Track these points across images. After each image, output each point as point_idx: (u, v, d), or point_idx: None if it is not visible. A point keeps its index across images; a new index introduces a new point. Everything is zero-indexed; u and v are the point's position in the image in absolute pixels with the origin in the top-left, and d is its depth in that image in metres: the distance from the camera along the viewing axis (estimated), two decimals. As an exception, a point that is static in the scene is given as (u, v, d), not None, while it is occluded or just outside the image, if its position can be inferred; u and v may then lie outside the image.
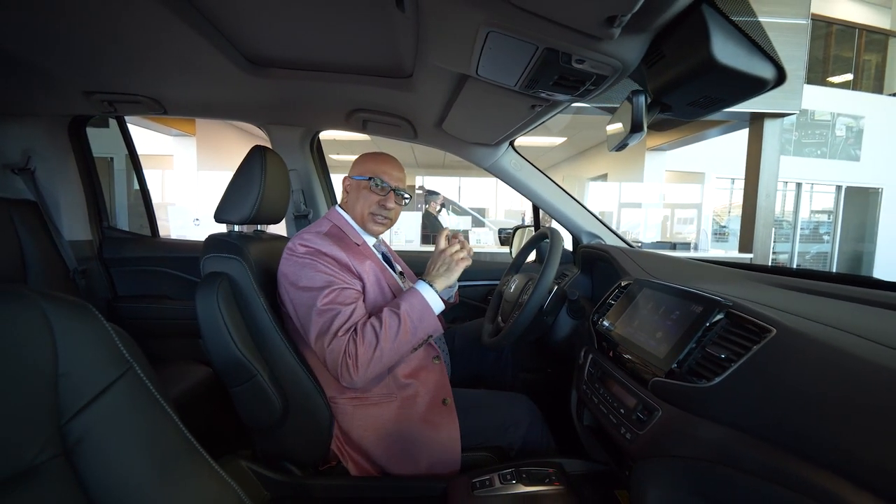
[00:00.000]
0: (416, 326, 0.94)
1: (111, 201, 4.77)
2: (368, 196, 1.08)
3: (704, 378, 0.59)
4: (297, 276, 0.95)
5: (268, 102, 1.28)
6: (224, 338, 0.89)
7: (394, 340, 0.91)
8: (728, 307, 0.65)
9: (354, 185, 1.10)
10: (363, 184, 1.08)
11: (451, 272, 1.02)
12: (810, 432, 0.46)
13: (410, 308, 0.95)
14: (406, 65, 1.01)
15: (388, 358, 0.91)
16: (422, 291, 0.98)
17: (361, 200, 1.08)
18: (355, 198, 1.09)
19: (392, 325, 0.92)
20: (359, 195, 1.09)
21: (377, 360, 0.90)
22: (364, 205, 1.08)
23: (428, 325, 0.96)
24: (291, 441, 1.00)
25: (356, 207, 1.09)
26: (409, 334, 0.93)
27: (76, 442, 0.46)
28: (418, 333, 0.94)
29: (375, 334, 0.91)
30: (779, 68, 0.58)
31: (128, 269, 1.64)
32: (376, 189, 1.07)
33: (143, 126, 5.47)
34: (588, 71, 0.68)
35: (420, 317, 0.95)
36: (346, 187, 1.13)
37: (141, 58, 1.04)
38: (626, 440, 0.69)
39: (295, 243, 0.98)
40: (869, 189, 7.61)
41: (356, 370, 0.88)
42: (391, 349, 0.91)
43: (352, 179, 1.11)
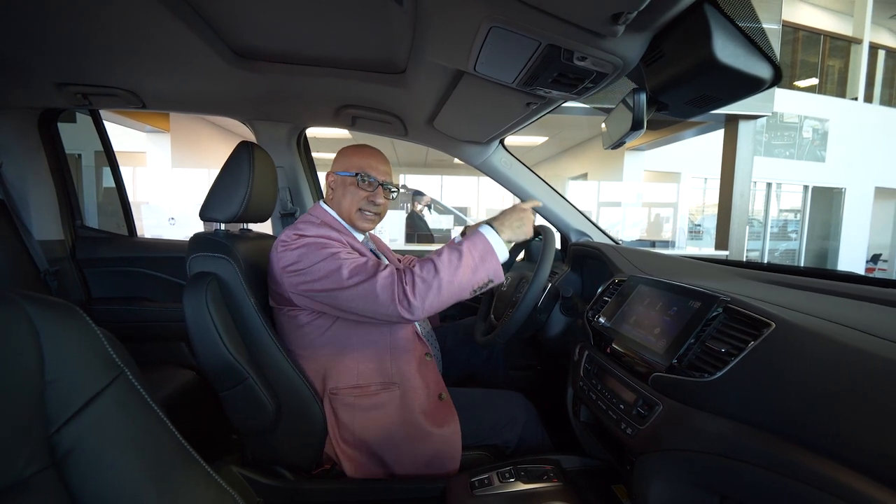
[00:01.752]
0: (477, 265, 0.90)
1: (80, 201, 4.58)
2: (355, 192, 1.05)
3: (706, 372, 0.60)
4: (306, 258, 0.91)
5: (254, 97, 1.25)
6: (214, 340, 0.86)
7: (454, 272, 0.87)
8: (726, 302, 0.66)
9: (339, 181, 1.06)
10: (349, 180, 1.05)
11: (523, 228, 0.99)
12: (814, 423, 0.47)
13: (472, 246, 0.91)
14: (399, 60, 0.99)
15: (447, 291, 0.87)
16: (485, 234, 0.94)
17: (348, 197, 1.05)
18: (341, 194, 1.06)
19: (452, 257, 0.88)
20: (345, 192, 1.05)
21: (435, 291, 0.86)
22: (351, 201, 1.05)
23: (489, 267, 0.91)
24: (284, 445, 0.97)
25: (343, 204, 1.06)
26: (469, 270, 0.89)
27: (66, 453, 0.43)
28: (479, 272, 0.90)
29: (434, 264, 0.87)
30: (776, 68, 0.60)
31: (103, 270, 1.57)
32: (363, 185, 1.04)
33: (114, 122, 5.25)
34: (589, 68, 0.68)
35: (482, 256, 0.91)
36: (331, 184, 1.09)
37: (118, 47, 0.99)
38: (627, 435, 0.70)
39: (289, 234, 0.94)
40: (833, 189, 7.96)
41: (414, 296, 0.84)
42: (451, 281, 0.87)
43: (336, 175, 1.07)
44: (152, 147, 5.92)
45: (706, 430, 0.57)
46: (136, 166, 5.94)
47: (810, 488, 0.45)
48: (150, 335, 1.54)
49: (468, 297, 0.91)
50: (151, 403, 0.53)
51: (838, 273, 0.94)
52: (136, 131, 5.76)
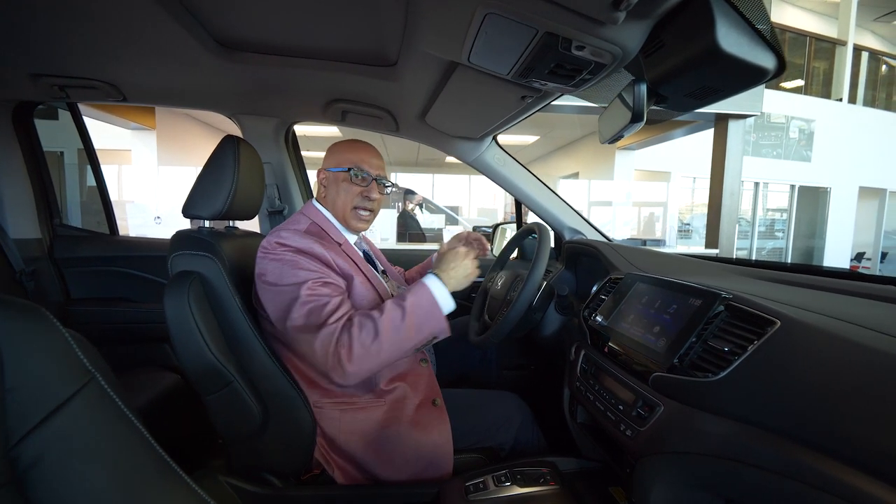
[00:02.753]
0: (422, 323, 0.87)
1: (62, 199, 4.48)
2: (349, 188, 1.01)
3: (709, 372, 0.58)
4: (276, 274, 0.87)
5: (239, 90, 1.20)
6: (197, 342, 0.82)
7: (396, 333, 0.83)
8: (728, 300, 0.64)
9: (332, 177, 1.03)
10: (342, 175, 1.01)
11: (467, 278, 0.98)
12: (823, 424, 0.45)
13: (417, 302, 0.88)
14: (391, 51, 0.96)
15: (387, 353, 0.83)
16: (431, 287, 0.91)
17: (342, 194, 1.01)
18: (335, 192, 1.02)
19: (395, 317, 0.84)
20: (338, 188, 1.01)
21: (375, 353, 0.81)
22: (346, 198, 1.01)
23: (435, 325, 0.89)
24: (271, 450, 0.93)
25: (337, 202, 1.02)
26: (413, 330, 0.85)
27: (27, 468, 0.39)
28: (423, 331, 0.87)
29: (374, 324, 0.82)
30: (780, 58, 0.58)
31: (83, 270, 1.51)
32: (357, 180, 1.00)
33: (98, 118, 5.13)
34: (587, 58, 0.66)
35: (427, 314, 0.88)
36: (322, 181, 1.05)
37: (97, 36, 0.94)
38: (627, 437, 0.68)
39: (271, 241, 0.90)
40: (819, 188, 8.10)
41: (349, 361, 0.80)
42: (392, 343, 0.83)
43: (328, 172, 1.03)
44: (138, 144, 5.80)
45: (710, 431, 0.55)
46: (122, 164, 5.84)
47: (819, 492, 0.43)
48: (133, 337, 1.49)
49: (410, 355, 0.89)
50: (126, 411, 0.49)
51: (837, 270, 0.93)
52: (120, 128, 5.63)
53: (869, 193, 8.57)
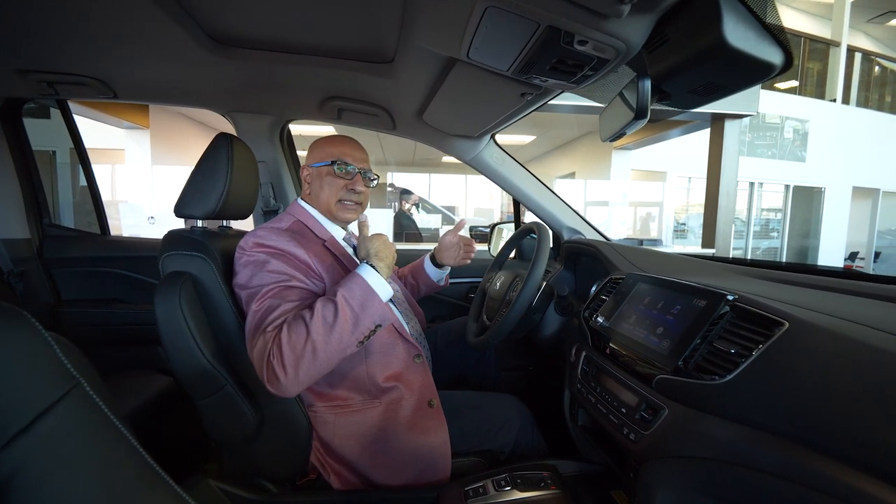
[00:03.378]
0: (358, 315, 0.79)
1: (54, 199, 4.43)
2: (333, 182, 0.99)
3: (715, 374, 0.57)
4: (245, 276, 0.85)
5: (233, 87, 1.18)
6: (188, 345, 0.80)
7: (329, 332, 0.76)
8: (734, 300, 0.63)
9: (315, 173, 1.01)
10: (325, 170, 1.00)
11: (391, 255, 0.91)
12: (834, 428, 0.44)
13: (349, 294, 0.80)
14: (388, 48, 0.94)
15: (323, 355, 0.76)
16: (363, 275, 0.84)
17: (326, 188, 0.99)
18: (319, 187, 1.00)
19: (326, 314, 0.77)
20: (322, 183, 1.00)
21: (309, 358, 0.74)
22: (330, 192, 0.99)
23: (373, 313, 0.81)
24: (266, 455, 0.91)
25: (321, 197, 1.01)
26: (348, 324, 0.78)
27: (8, 479, 0.37)
28: (363, 323, 0.80)
29: (305, 325, 0.75)
30: (787, 53, 0.57)
31: (73, 271, 1.48)
32: (341, 173, 0.99)
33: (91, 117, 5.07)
34: (589, 54, 0.65)
35: (362, 304, 0.80)
36: (306, 178, 1.03)
37: (87, 32, 0.92)
38: (630, 441, 0.67)
39: (248, 240, 0.88)
40: (813, 188, 8.14)
41: (283, 371, 0.73)
42: (326, 342, 0.76)
43: (311, 168, 1.01)
44: (131, 144, 5.74)
45: (717, 435, 0.54)
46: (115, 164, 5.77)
47: (832, 499, 0.42)
48: (125, 339, 1.46)
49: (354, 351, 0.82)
50: (112, 418, 0.47)
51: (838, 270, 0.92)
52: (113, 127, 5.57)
53: (862, 193, 8.64)
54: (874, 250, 8.98)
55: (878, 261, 8.94)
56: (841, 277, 0.82)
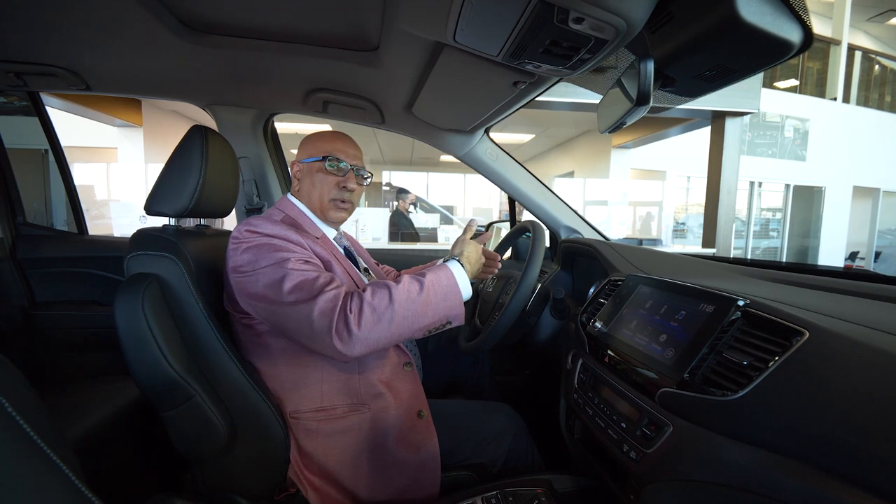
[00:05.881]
0: (439, 302, 0.80)
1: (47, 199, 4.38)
2: (325, 179, 0.94)
3: (727, 390, 0.51)
4: (252, 261, 0.80)
5: (211, 78, 1.12)
6: (152, 353, 0.74)
7: (411, 305, 0.77)
8: (745, 306, 0.57)
9: (306, 169, 0.96)
10: (316, 166, 0.94)
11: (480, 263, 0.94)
12: (863, 452, 0.38)
13: (436, 280, 0.81)
14: (371, 34, 0.88)
15: (398, 325, 0.76)
16: (453, 269, 0.85)
17: (318, 185, 0.94)
18: (310, 183, 0.95)
19: (412, 290, 0.78)
20: (313, 180, 0.95)
21: (387, 321, 0.75)
22: (321, 190, 0.94)
23: (451, 307, 0.82)
24: (240, 470, 0.85)
25: (312, 194, 0.95)
26: (429, 306, 0.79)
27: None
28: (439, 310, 0.80)
29: (389, 291, 0.77)
30: (806, 30, 0.51)
31: (48, 272, 1.42)
32: (333, 170, 0.94)
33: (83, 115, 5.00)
34: (586, 33, 0.58)
35: (445, 293, 0.81)
36: (297, 174, 0.98)
37: (52, 18, 0.86)
38: (631, 460, 0.61)
39: (241, 230, 0.83)
40: (814, 188, 8.10)
41: (358, 326, 0.73)
42: (405, 314, 0.76)
43: (302, 164, 0.96)
44: (124, 142, 5.67)
45: (728, 459, 0.48)
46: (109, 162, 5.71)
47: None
48: (102, 342, 1.40)
49: (419, 338, 0.81)
50: (41, 444, 0.41)
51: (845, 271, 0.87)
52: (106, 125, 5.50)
53: (863, 193, 8.59)
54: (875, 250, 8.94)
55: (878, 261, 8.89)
56: (845, 278, 0.76)
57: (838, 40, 7.89)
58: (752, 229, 7.94)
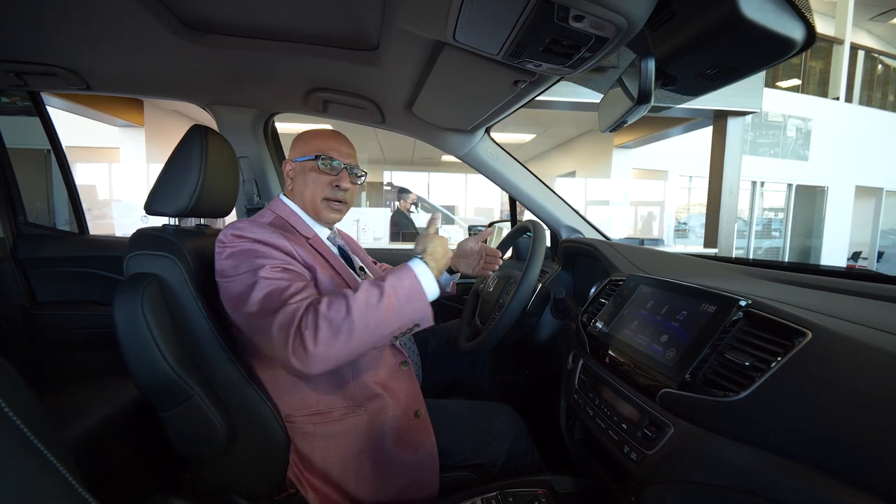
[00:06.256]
0: (402, 306, 0.76)
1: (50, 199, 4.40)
2: (317, 178, 0.93)
3: (728, 391, 0.50)
4: (233, 266, 0.79)
5: (211, 77, 1.12)
6: (151, 353, 0.74)
7: (371, 313, 0.72)
8: (747, 306, 0.56)
9: (299, 168, 0.95)
10: (308, 165, 0.94)
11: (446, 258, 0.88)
12: (866, 454, 0.38)
13: (398, 283, 0.77)
14: (371, 33, 0.88)
15: (359, 336, 0.71)
16: (415, 269, 0.81)
17: (310, 184, 0.94)
18: (302, 183, 0.95)
19: (371, 297, 0.74)
20: (306, 179, 0.94)
21: (345, 335, 0.70)
22: (314, 189, 0.94)
23: (416, 309, 0.78)
24: (239, 470, 0.85)
25: (305, 194, 0.95)
26: (391, 312, 0.74)
27: None
28: (403, 315, 0.76)
29: (346, 301, 0.72)
30: (809, 27, 0.50)
31: (49, 271, 1.42)
32: (326, 169, 0.93)
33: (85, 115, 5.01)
34: (586, 31, 0.58)
35: (408, 296, 0.77)
36: (289, 173, 0.98)
37: (52, 18, 0.86)
38: (632, 461, 0.60)
39: (227, 234, 0.82)
40: (816, 187, 8.07)
41: (314, 343, 0.69)
42: (365, 324, 0.72)
43: (294, 163, 0.96)
44: (126, 142, 5.68)
45: (730, 460, 0.47)
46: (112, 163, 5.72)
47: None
48: (102, 342, 1.40)
49: (388, 344, 0.77)
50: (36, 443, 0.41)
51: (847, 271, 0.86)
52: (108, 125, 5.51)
53: (865, 192, 8.55)
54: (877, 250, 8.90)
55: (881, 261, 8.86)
56: (847, 278, 0.76)
57: (841, 39, 7.85)
58: (754, 229, 7.92)
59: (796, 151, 7.46)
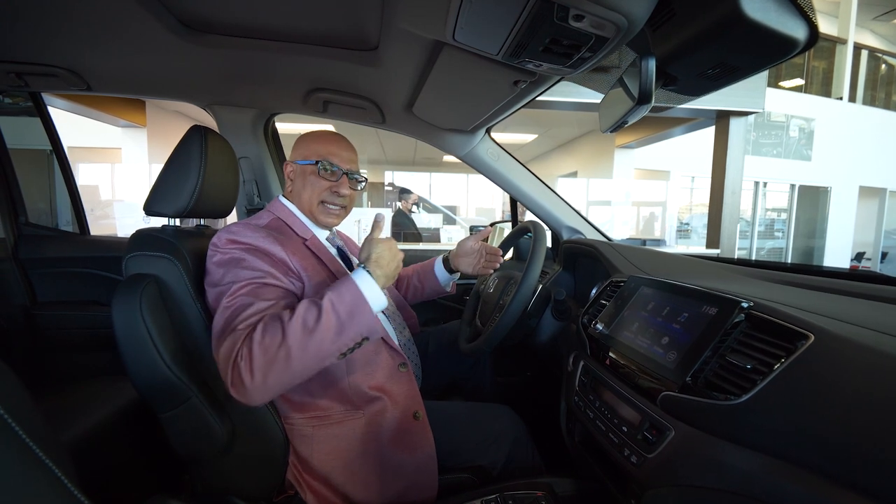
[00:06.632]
0: (344, 323, 0.72)
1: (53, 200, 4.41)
2: (317, 182, 0.93)
3: (730, 394, 0.50)
4: (218, 274, 0.79)
5: (211, 78, 1.12)
6: (149, 355, 0.74)
7: (308, 336, 0.68)
8: (749, 308, 0.56)
9: (299, 170, 0.95)
10: (309, 169, 0.94)
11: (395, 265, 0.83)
12: (869, 458, 0.37)
13: (337, 299, 0.73)
14: (371, 33, 0.88)
15: (298, 362, 0.68)
16: (357, 280, 0.76)
17: (309, 188, 0.94)
18: (301, 185, 0.95)
19: (308, 318, 0.70)
20: (305, 182, 0.94)
21: (281, 364, 0.67)
22: (313, 193, 0.94)
23: (360, 324, 0.73)
24: (239, 472, 0.85)
25: (303, 197, 0.95)
26: (331, 331, 0.70)
27: None
28: (346, 332, 0.72)
29: (282, 327, 0.68)
30: (812, 27, 0.50)
31: (51, 272, 1.42)
32: (325, 174, 0.93)
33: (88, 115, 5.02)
34: (586, 31, 0.58)
35: (350, 311, 0.72)
36: (290, 174, 0.98)
37: (52, 18, 0.86)
38: (632, 464, 0.60)
39: (221, 237, 0.82)
40: (819, 188, 8.03)
41: (250, 375, 0.65)
42: (303, 349, 0.68)
43: (295, 165, 0.96)
44: (128, 142, 5.70)
45: (730, 464, 0.47)
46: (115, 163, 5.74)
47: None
48: (103, 342, 1.40)
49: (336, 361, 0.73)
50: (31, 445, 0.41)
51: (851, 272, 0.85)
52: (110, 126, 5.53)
53: (869, 193, 8.51)
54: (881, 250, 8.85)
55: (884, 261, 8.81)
56: (850, 279, 0.75)
57: (844, 39, 7.82)
58: (756, 230, 7.89)
59: (799, 151, 7.43)
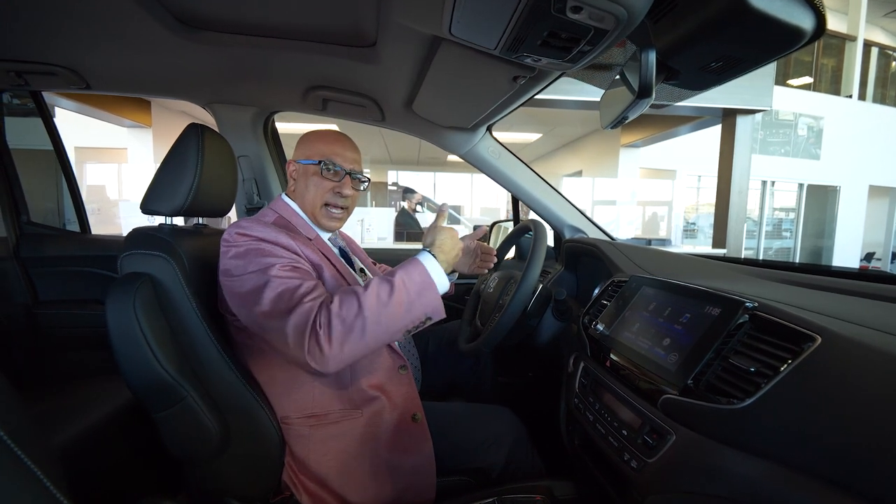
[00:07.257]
0: (413, 301, 0.76)
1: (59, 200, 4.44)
2: (320, 183, 0.92)
3: (733, 398, 0.48)
4: (240, 266, 0.78)
5: (209, 76, 1.11)
6: (143, 354, 0.73)
7: (382, 309, 0.73)
8: (753, 309, 0.54)
9: (302, 170, 0.95)
10: (312, 169, 0.93)
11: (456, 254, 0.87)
12: (877, 466, 0.35)
13: (408, 278, 0.77)
14: (368, 29, 0.87)
15: (372, 333, 0.72)
16: (424, 262, 0.80)
17: (312, 188, 0.93)
18: (304, 186, 0.94)
19: (381, 293, 0.74)
20: (308, 182, 0.93)
21: (358, 332, 0.71)
22: (316, 193, 0.93)
23: (427, 303, 0.78)
24: (234, 472, 0.84)
25: (306, 197, 0.94)
26: (402, 307, 0.75)
27: None
28: (414, 310, 0.76)
29: (357, 299, 0.73)
30: (819, 16, 0.48)
31: (52, 270, 1.42)
32: (328, 174, 0.92)
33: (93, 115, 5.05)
34: (585, 23, 0.56)
35: (419, 290, 0.77)
36: (293, 173, 0.97)
37: (52, 17, 0.86)
38: (632, 469, 0.58)
39: (232, 233, 0.81)
40: (828, 187, 7.93)
41: (328, 343, 0.70)
42: (378, 320, 0.73)
43: (298, 164, 0.95)
44: (133, 142, 5.73)
45: (734, 471, 0.45)
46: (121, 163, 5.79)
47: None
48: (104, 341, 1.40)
49: (400, 339, 0.76)
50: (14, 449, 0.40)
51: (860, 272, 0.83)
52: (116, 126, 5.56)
53: (879, 192, 8.39)
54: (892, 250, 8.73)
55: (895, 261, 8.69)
56: (860, 279, 0.73)
57: (854, 36, 7.71)
58: (764, 229, 7.80)
59: (808, 150, 7.34)
